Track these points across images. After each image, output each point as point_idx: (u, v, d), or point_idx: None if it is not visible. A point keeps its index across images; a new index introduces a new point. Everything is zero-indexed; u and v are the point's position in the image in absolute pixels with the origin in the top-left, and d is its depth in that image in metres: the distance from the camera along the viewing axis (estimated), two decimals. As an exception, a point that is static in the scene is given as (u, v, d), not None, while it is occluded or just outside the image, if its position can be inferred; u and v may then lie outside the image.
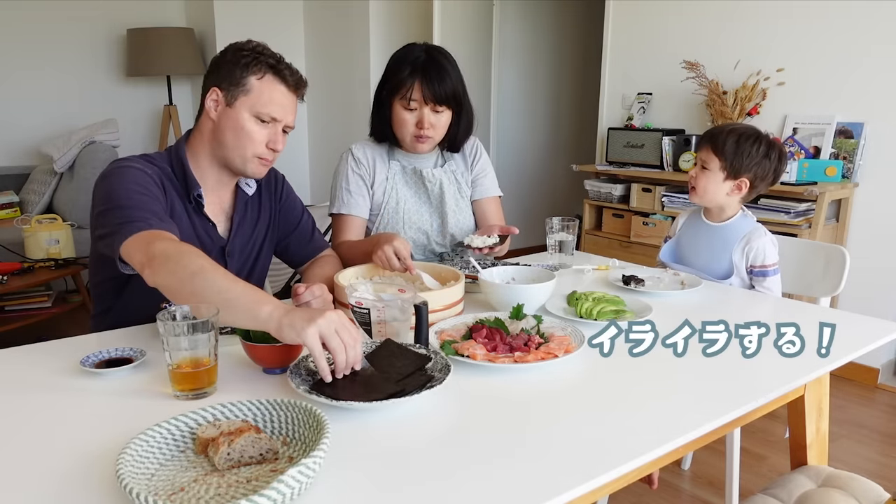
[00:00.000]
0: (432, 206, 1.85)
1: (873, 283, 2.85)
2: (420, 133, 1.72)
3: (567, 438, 0.90)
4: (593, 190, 3.56)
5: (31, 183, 4.06)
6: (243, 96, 1.37)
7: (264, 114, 1.38)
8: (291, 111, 1.42)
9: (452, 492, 0.78)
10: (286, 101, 1.40)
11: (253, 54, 1.38)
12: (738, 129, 1.73)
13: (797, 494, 1.26)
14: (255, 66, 1.37)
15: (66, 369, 1.12)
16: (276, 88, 1.38)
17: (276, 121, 1.40)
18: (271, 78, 1.38)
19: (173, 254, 1.14)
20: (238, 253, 1.52)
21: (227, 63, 1.38)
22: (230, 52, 1.40)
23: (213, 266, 1.12)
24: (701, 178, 1.75)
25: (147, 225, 1.21)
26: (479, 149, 1.93)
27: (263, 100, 1.37)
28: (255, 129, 1.38)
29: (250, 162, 1.41)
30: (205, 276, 1.09)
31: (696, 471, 2.23)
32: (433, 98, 1.69)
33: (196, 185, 1.42)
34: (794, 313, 1.51)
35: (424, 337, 1.15)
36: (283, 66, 1.40)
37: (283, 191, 1.62)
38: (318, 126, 4.96)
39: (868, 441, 2.44)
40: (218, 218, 1.49)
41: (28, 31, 4.13)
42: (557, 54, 5.36)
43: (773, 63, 3.05)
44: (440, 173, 1.84)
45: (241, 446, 0.82)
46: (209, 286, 1.07)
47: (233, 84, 1.37)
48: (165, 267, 1.12)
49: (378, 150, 1.84)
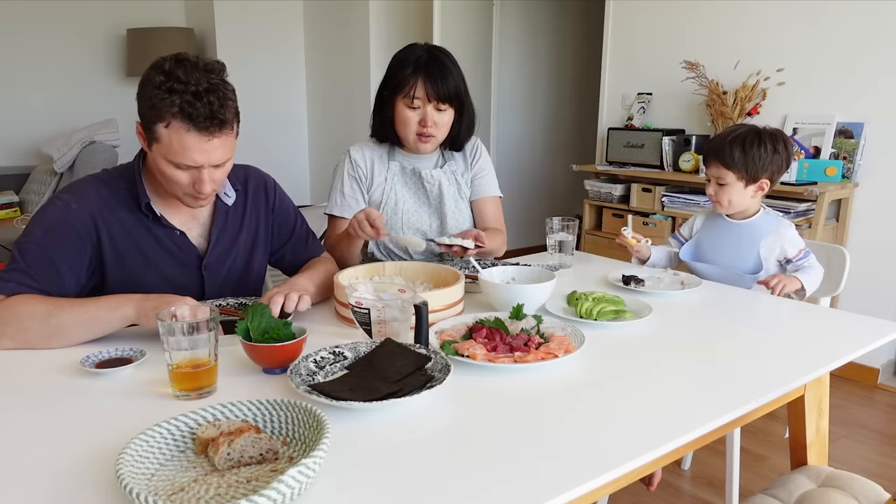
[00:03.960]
0: (431, 206, 1.85)
1: (873, 283, 2.86)
2: (423, 131, 1.73)
3: (567, 438, 0.90)
4: (593, 190, 3.56)
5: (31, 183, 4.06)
6: (156, 143, 1.24)
7: (179, 163, 1.25)
8: (210, 153, 1.24)
9: (452, 492, 0.78)
10: (200, 145, 1.22)
11: (162, 93, 1.19)
12: (738, 137, 1.73)
13: (797, 494, 1.26)
14: (162, 110, 1.20)
15: (66, 369, 1.12)
16: (185, 136, 1.21)
17: (195, 167, 1.26)
18: (178, 125, 1.20)
19: (14, 315, 1.19)
20: (217, 265, 1.46)
21: (141, 97, 1.24)
22: (146, 79, 1.23)
23: (55, 301, 1.22)
24: (723, 193, 1.78)
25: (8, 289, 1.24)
26: (480, 148, 1.93)
27: (174, 149, 1.22)
28: (177, 173, 1.26)
29: (184, 199, 1.33)
30: (57, 313, 1.20)
31: (696, 471, 2.23)
32: (436, 96, 1.69)
33: (145, 195, 1.34)
34: (793, 313, 1.51)
35: (424, 337, 1.15)
36: (194, 106, 1.19)
37: (276, 199, 1.56)
38: (318, 126, 4.96)
39: (868, 441, 2.44)
40: (188, 226, 1.42)
41: (28, 31, 4.13)
42: (557, 54, 5.36)
43: (773, 63, 3.05)
44: (440, 174, 1.84)
45: (241, 446, 0.82)
46: (66, 317, 1.19)
47: (146, 126, 1.24)
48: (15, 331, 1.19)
49: (378, 150, 1.85)
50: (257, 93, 4.69)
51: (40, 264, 1.27)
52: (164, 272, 1.39)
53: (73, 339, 1.21)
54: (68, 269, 1.30)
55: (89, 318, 1.20)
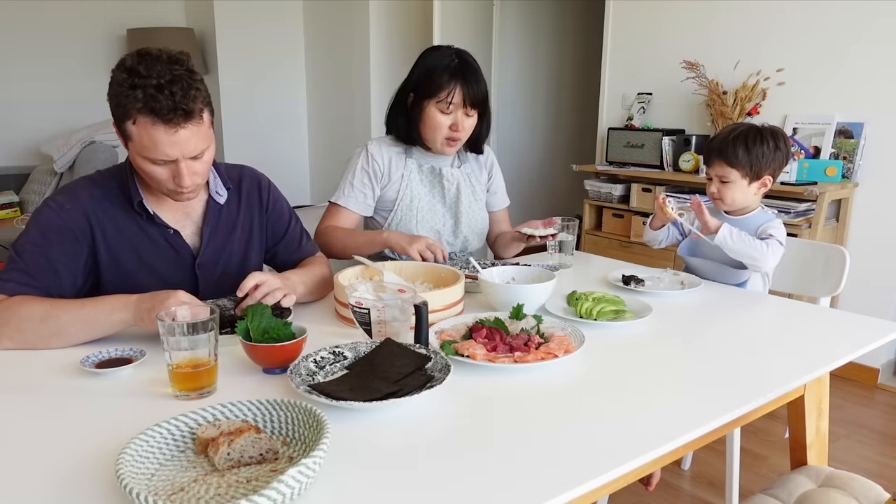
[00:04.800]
0: (446, 205, 1.89)
1: (873, 283, 2.86)
2: (453, 136, 1.77)
3: (567, 438, 0.90)
4: (593, 190, 3.56)
5: (31, 183, 4.06)
6: (130, 142, 1.24)
7: (154, 158, 1.23)
8: (182, 145, 1.22)
9: (452, 492, 0.78)
10: (169, 137, 1.20)
11: (126, 90, 1.18)
12: (741, 134, 1.74)
13: (797, 494, 1.26)
14: (128, 107, 1.19)
15: (66, 369, 1.12)
16: (152, 131, 1.19)
17: (170, 161, 1.24)
18: (144, 120, 1.19)
19: (14, 315, 1.20)
20: (210, 264, 1.45)
21: (110, 97, 1.23)
22: (112, 83, 1.22)
23: (53, 302, 1.22)
24: (726, 191, 1.78)
25: (10, 289, 1.25)
26: (495, 162, 2.03)
27: (146, 145, 1.21)
28: (154, 169, 1.25)
29: (170, 194, 1.32)
30: (55, 314, 1.20)
31: (696, 471, 2.23)
32: (471, 101, 1.74)
33: (137, 194, 1.34)
34: (793, 313, 1.51)
35: (424, 337, 1.15)
36: (157, 100, 1.17)
37: (270, 199, 1.56)
38: (318, 126, 4.96)
39: (868, 441, 2.44)
40: (181, 223, 1.42)
41: (28, 31, 4.13)
42: (557, 54, 5.36)
43: (773, 63, 3.05)
44: (458, 173, 1.89)
45: (241, 446, 0.82)
46: (65, 319, 1.20)
47: (119, 126, 1.24)
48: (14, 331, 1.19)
49: (396, 148, 1.87)
50: (257, 92, 4.70)
51: (38, 264, 1.28)
52: (158, 271, 1.39)
53: (72, 341, 1.21)
54: (65, 268, 1.30)
55: (87, 321, 1.21)
